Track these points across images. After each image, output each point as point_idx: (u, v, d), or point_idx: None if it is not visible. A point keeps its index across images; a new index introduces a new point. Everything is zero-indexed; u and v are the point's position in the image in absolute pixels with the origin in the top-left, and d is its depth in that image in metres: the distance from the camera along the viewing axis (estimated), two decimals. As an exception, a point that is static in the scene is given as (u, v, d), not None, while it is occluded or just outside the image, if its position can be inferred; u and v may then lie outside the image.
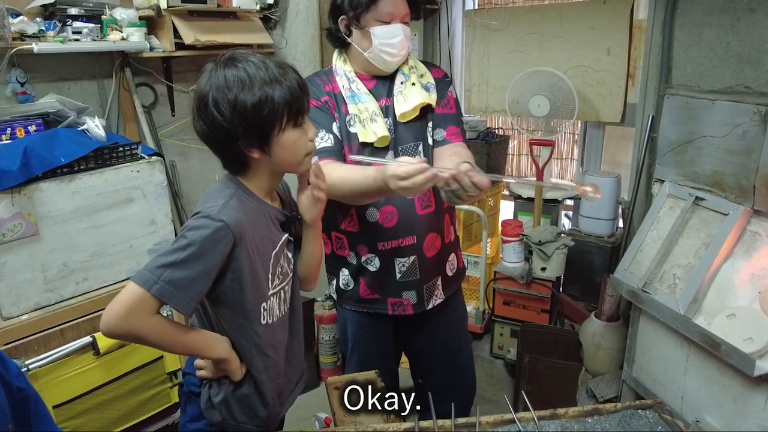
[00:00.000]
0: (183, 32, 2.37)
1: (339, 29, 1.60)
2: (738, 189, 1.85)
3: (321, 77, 1.66)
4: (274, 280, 1.22)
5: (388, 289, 1.70)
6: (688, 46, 2.32)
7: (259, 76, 1.09)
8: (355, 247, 1.67)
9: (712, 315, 1.75)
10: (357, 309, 1.75)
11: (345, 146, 1.59)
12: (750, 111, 1.79)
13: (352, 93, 1.60)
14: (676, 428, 1.22)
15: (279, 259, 1.23)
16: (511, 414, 1.24)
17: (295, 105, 1.12)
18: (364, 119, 1.57)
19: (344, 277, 1.73)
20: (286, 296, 1.29)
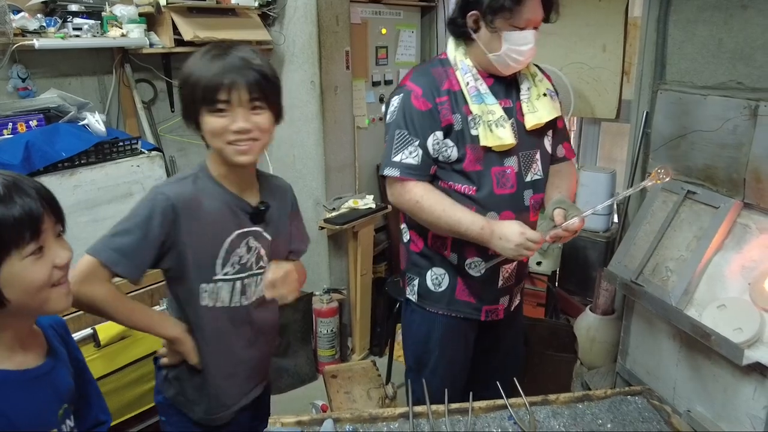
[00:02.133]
0: (182, 28, 2.39)
1: (466, 23, 1.51)
2: (729, 182, 1.88)
3: (437, 69, 1.56)
4: (225, 266, 1.27)
5: (487, 296, 1.66)
6: (682, 42, 2.35)
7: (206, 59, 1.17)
8: (460, 249, 1.60)
9: (703, 306, 1.78)
10: (446, 312, 1.66)
11: (467, 148, 1.51)
12: (740, 106, 1.82)
13: (478, 92, 1.52)
14: (663, 413, 1.25)
15: (235, 247, 1.27)
16: (503, 400, 1.27)
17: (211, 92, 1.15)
18: (490, 122, 1.50)
19: (436, 276, 1.65)
20: (246, 290, 1.32)
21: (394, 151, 1.52)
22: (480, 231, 1.47)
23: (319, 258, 2.98)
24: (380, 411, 1.26)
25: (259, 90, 1.17)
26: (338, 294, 2.96)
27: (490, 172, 1.54)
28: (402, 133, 1.51)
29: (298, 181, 2.94)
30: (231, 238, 1.27)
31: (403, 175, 1.51)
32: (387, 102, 1.61)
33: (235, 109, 1.16)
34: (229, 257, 1.27)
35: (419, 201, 1.51)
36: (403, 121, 1.51)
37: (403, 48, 3.48)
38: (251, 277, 1.32)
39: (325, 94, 2.77)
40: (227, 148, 1.19)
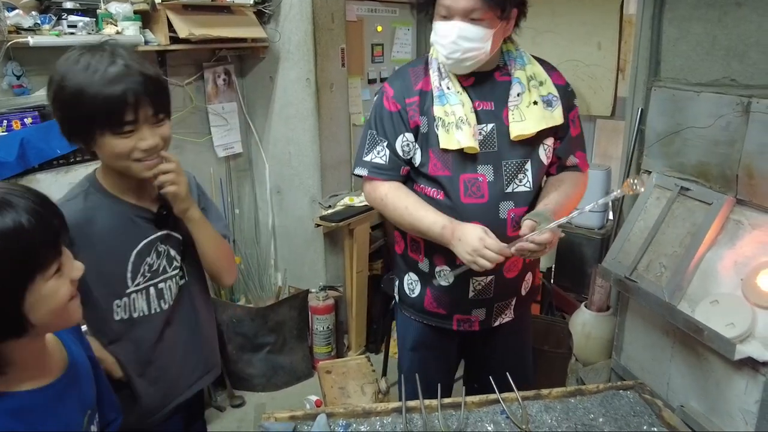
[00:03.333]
0: (177, 26, 2.39)
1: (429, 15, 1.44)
2: (722, 179, 1.89)
3: (416, 68, 1.51)
4: (136, 278, 1.23)
5: (457, 307, 1.58)
6: (677, 40, 2.35)
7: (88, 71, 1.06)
8: (431, 255, 1.55)
9: (696, 302, 1.79)
10: (418, 319, 1.64)
11: (430, 152, 1.46)
12: (733, 102, 1.83)
13: (441, 92, 1.43)
14: (655, 407, 1.26)
15: (145, 256, 1.23)
16: (495, 395, 1.27)
17: (109, 115, 1.07)
18: (449, 124, 1.41)
19: (411, 281, 1.62)
20: (163, 293, 1.28)
21: (366, 151, 1.52)
22: (441, 230, 1.40)
23: (315, 255, 2.99)
24: (373, 406, 1.27)
25: (161, 102, 1.12)
26: (334, 291, 2.96)
27: (459, 178, 1.45)
28: (372, 134, 1.51)
29: (294, 178, 2.95)
30: (137, 249, 1.22)
31: (371, 174, 1.51)
32: None
33: (141, 127, 1.10)
34: (139, 268, 1.23)
35: (383, 198, 1.51)
36: (374, 121, 1.52)
37: (399, 45, 3.48)
38: (165, 281, 1.28)
39: (321, 91, 2.78)
40: (134, 166, 1.14)
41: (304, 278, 3.03)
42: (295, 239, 3.05)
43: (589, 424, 1.21)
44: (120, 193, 1.21)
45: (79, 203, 1.19)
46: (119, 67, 1.07)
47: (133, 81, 1.06)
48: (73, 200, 1.19)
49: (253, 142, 3.03)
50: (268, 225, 3.11)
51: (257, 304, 2.86)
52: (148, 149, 1.12)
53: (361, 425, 1.22)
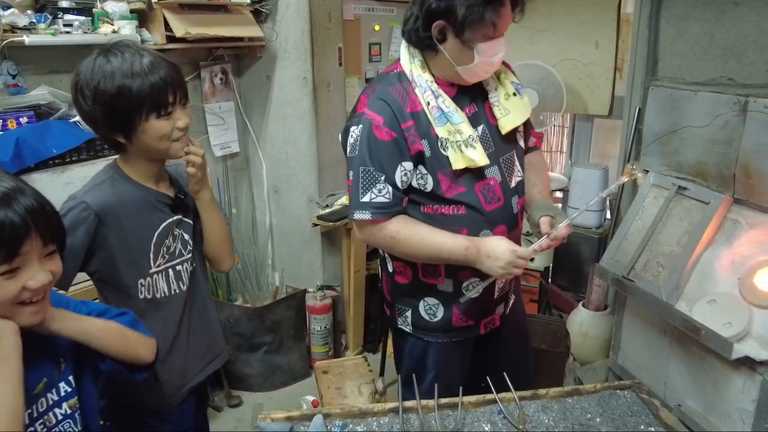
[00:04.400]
0: (174, 25, 2.39)
1: (431, 35, 1.34)
2: (719, 178, 1.89)
3: (396, 87, 1.40)
4: (157, 259, 1.32)
5: (485, 311, 1.57)
6: (674, 39, 2.35)
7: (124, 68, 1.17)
8: (454, 274, 1.49)
9: (693, 301, 1.78)
10: (443, 340, 1.57)
11: (440, 175, 1.40)
12: (730, 101, 1.83)
13: (441, 112, 1.37)
14: (652, 407, 1.26)
15: (164, 238, 1.33)
16: (492, 395, 1.27)
17: (157, 98, 1.19)
18: (459, 143, 1.37)
19: (429, 306, 1.54)
20: (181, 275, 1.38)
21: (362, 191, 1.38)
22: (465, 252, 1.37)
23: (312, 255, 2.98)
24: (370, 406, 1.26)
25: (183, 87, 1.25)
26: (332, 291, 2.96)
27: (475, 189, 1.43)
28: (367, 171, 1.36)
29: (291, 177, 2.94)
30: (158, 231, 1.32)
31: (375, 217, 1.38)
32: (345, 131, 1.45)
33: (176, 109, 1.23)
34: (159, 249, 1.32)
35: (395, 237, 1.40)
36: (368, 155, 1.36)
37: (397, 44, 3.48)
38: (182, 263, 1.38)
39: (318, 90, 2.77)
40: (173, 147, 1.25)
41: (301, 278, 3.03)
42: (292, 239, 3.04)
43: (587, 424, 1.21)
44: (142, 180, 1.31)
45: (107, 188, 1.27)
46: (150, 58, 1.20)
47: (165, 67, 1.20)
48: (102, 184, 1.28)
49: (251, 141, 3.03)
50: (265, 224, 3.10)
51: (254, 304, 2.86)
52: (184, 128, 1.25)
53: (358, 425, 1.22)
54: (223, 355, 1.57)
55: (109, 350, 1.07)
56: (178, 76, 1.24)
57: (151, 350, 1.17)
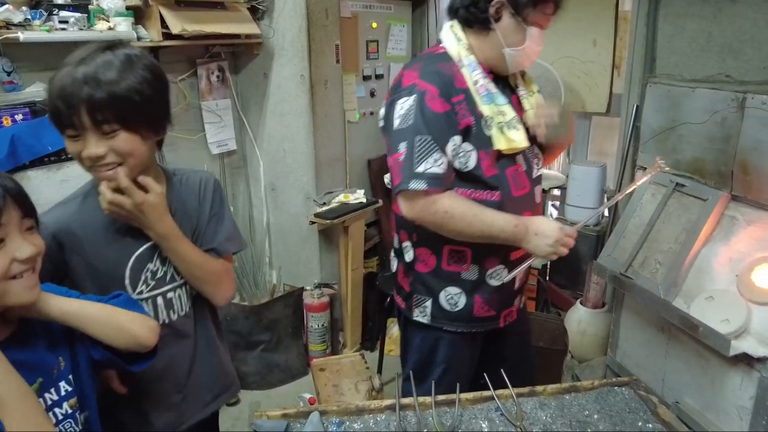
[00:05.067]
0: (170, 22, 2.37)
1: (487, 10, 1.38)
2: (717, 175, 1.89)
3: (444, 65, 1.41)
4: (138, 285, 1.18)
5: (506, 303, 1.58)
6: (672, 36, 2.35)
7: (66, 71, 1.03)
8: (481, 260, 1.49)
9: (691, 298, 1.78)
10: (462, 330, 1.55)
11: (481, 153, 1.41)
12: (728, 98, 1.82)
13: (488, 92, 1.40)
14: (650, 404, 1.26)
15: (145, 262, 1.19)
16: (490, 392, 1.26)
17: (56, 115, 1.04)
18: (502, 124, 1.40)
19: (451, 296, 1.53)
20: (173, 303, 1.24)
21: (417, 161, 1.35)
22: (515, 229, 1.39)
23: (310, 253, 2.98)
24: (367, 403, 1.26)
25: (106, 111, 1.03)
26: (329, 289, 2.95)
27: (506, 174, 1.46)
28: (424, 140, 1.35)
29: (289, 175, 2.93)
30: (136, 255, 1.18)
31: (430, 187, 1.35)
32: (390, 104, 1.43)
33: (84, 133, 1.04)
34: (139, 275, 1.18)
35: (448, 210, 1.37)
36: (424, 125, 1.35)
37: (394, 42, 3.47)
38: (174, 290, 1.24)
39: (315, 88, 2.76)
40: (92, 173, 1.10)
41: (299, 276, 3.02)
42: (289, 237, 3.03)
43: (584, 421, 1.21)
44: None
45: (74, 207, 1.17)
46: (77, 66, 1.02)
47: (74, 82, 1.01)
48: (70, 203, 1.18)
49: (248, 139, 3.02)
50: (262, 222, 3.09)
51: (251, 302, 2.85)
52: (89, 157, 1.06)
53: (355, 423, 1.21)
54: (234, 388, 1.43)
55: (102, 334, 1.01)
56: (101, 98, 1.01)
57: (151, 330, 1.07)
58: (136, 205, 1.11)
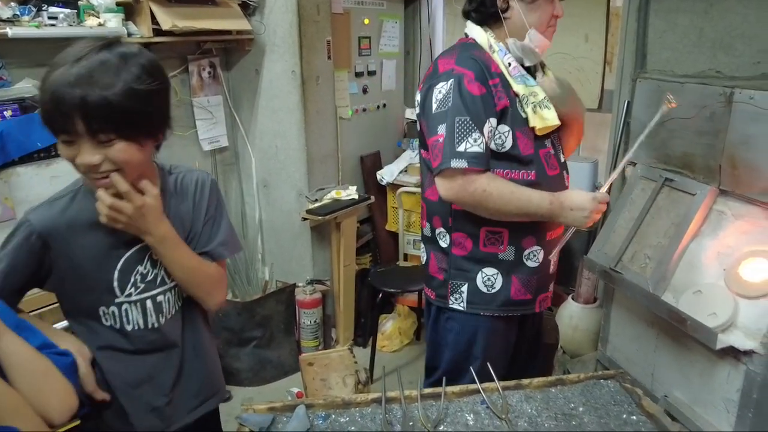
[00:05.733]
0: (160, 18, 2.37)
1: (495, 3, 1.49)
2: (706, 169, 1.89)
3: (478, 52, 1.49)
4: (126, 288, 1.16)
5: (542, 287, 1.62)
6: (663, 32, 2.35)
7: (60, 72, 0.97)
8: (517, 241, 1.54)
9: (680, 292, 1.78)
10: (498, 314, 1.57)
11: (518, 133, 1.47)
12: (716, 93, 1.82)
13: (521, 74, 1.48)
14: (635, 396, 1.26)
15: (135, 265, 1.16)
16: (476, 385, 1.27)
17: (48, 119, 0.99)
18: (535, 104, 1.47)
19: (488, 277, 1.56)
20: (162, 307, 1.21)
21: (458, 140, 1.40)
22: (550, 206, 1.46)
23: (302, 249, 2.98)
24: (353, 397, 1.26)
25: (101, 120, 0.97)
26: (321, 285, 2.95)
27: (539, 154, 1.52)
28: (464, 120, 1.40)
29: (281, 171, 2.93)
30: (125, 257, 1.16)
31: (471, 165, 1.40)
32: (427, 90, 1.49)
33: (79, 140, 0.99)
34: (128, 277, 1.16)
35: (486, 189, 1.42)
36: (463, 106, 1.41)
37: (387, 38, 3.47)
38: (164, 293, 1.21)
39: (307, 84, 2.76)
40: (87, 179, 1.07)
41: (291, 272, 3.02)
42: (282, 233, 3.03)
43: (569, 413, 1.21)
44: None
45: (62, 205, 1.13)
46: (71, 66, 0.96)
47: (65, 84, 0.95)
48: (58, 201, 1.14)
49: (239, 135, 3.01)
50: (255, 219, 3.09)
51: (244, 299, 2.85)
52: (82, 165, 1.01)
53: (341, 416, 1.21)
54: (221, 393, 1.43)
55: (18, 385, 0.93)
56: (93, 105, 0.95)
57: (67, 410, 0.99)
58: (137, 208, 1.08)
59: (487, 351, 1.59)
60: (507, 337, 1.66)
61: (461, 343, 1.61)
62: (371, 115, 3.47)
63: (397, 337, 3.12)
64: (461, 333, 1.61)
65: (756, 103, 1.67)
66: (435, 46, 3.72)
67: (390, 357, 3.04)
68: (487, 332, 1.60)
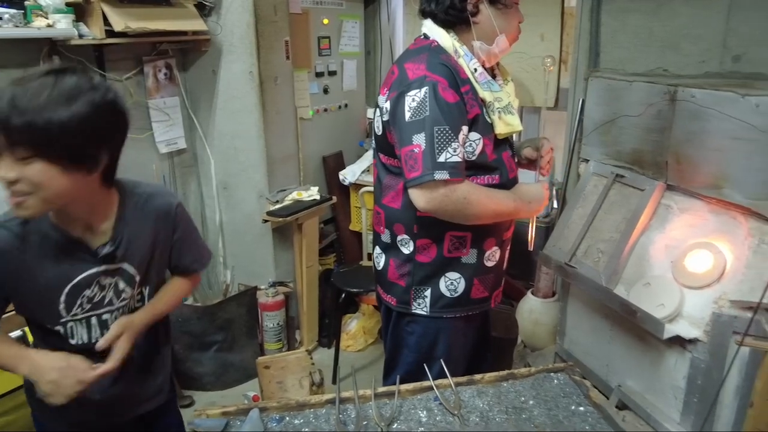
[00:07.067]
0: (113, 19, 2.32)
1: (465, 8, 1.46)
2: (654, 165, 1.95)
3: (445, 56, 1.46)
4: (72, 309, 1.19)
5: (497, 283, 1.68)
6: (615, 31, 2.41)
7: None
8: (480, 244, 1.57)
9: (631, 285, 1.84)
10: (460, 314, 1.61)
11: (485, 139, 1.48)
12: (662, 91, 1.88)
13: (486, 80, 1.48)
14: (583, 388, 1.29)
15: (83, 289, 1.18)
16: (429, 382, 1.28)
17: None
18: (500, 109, 1.48)
19: (451, 282, 1.58)
20: (108, 323, 1.24)
21: (438, 151, 1.37)
22: (515, 203, 1.52)
23: (264, 251, 2.95)
24: (308, 398, 1.26)
25: (18, 135, 0.97)
26: (284, 287, 2.94)
27: (503, 158, 1.55)
28: (443, 129, 1.37)
29: (241, 173, 2.91)
30: (74, 282, 1.17)
31: (452, 176, 1.37)
32: (398, 98, 1.43)
33: (3, 153, 0.99)
34: (75, 300, 1.18)
35: (467, 197, 1.41)
36: (441, 115, 1.37)
37: (347, 38, 3.47)
38: (111, 312, 1.24)
39: (265, 84, 2.74)
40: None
41: (253, 275, 3.00)
42: (243, 235, 3.00)
43: (520, 407, 1.23)
44: (64, 223, 1.14)
45: (16, 227, 1.13)
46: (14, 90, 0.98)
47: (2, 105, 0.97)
48: (9, 222, 1.13)
49: (198, 137, 2.97)
50: (215, 221, 3.05)
51: (204, 303, 2.82)
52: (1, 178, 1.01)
53: (295, 418, 1.21)
54: (162, 396, 1.44)
55: None
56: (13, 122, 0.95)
57: None
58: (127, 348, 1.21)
59: (450, 351, 1.62)
60: (468, 334, 1.69)
61: (423, 345, 1.63)
62: (333, 115, 3.46)
63: (362, 337, 3.12)
64: (424, 336, 1.63)
65: (697, 101, 1.73)
66: (395, 46, 3.73)
67: (355, 356, 3.04)
68: (449, 333, 1.62)
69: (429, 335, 1.62)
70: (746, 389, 1.51)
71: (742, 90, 1.60)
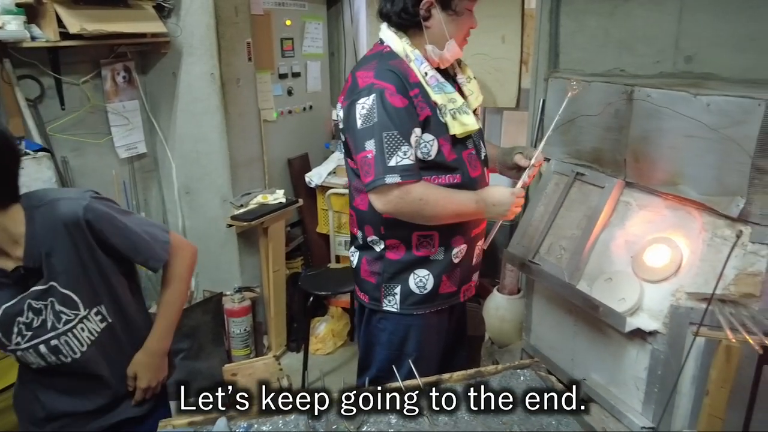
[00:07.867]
0: (67, 21, 2.25)
1: (418, 12, 1.48)
2: (613, 163, 2.00)
3: (396, 62, 1.49)
4: (11, 339, 1.18)
5: (465, 277, 1.70)
6: (574, 32, 2.46)
7: None
8: (447, 241, 1.60)
9: (593, 280, 1.88)
10: (429, 310, 1.65)
11: (440, 140, 1.51)
12: (619, 91, 1.93)
13: (438, 83, 1.51)
14: (548, 383, 1.32)
15: (15, 317, 1.17)
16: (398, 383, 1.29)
17: None
18: (454, 110, 1.51)
19: (420, 279, 1.62)
20: (60, 349, 1.22)
21: (388, 156, 1.42)
22: (476, 205, 1.53)
23: (229, 256, 2.91)
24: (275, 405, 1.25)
25: None
26: (251, 292, 2.90)
27: (462, 157, 1.57)
28: (391, 134, 1.42)
29: (204, 177, 2.86)
30: (1, 310, 1.16)
31: (404, 179, 1.42)
32: (349, 106, 1.48)
33: None
34: (11, 328, 1.17)
35: (422, 198, 1.45)
36: (389, 120, 1.42)
37: (310, 40, 3.45)
38: (59, 337, 1.22)
39: (227, 86, 2.71)
40: None
41: (219, 281, 2.95)
42: (207, 241, 2.95)
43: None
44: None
45: None
46: None
47: None
48: None
49: (158, 141, 2.91)
50: (178, 227, 3.00)
51: (170, 310, 2.75)
52: None
53: (263, 425, 1.20)
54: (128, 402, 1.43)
55: None
56: None
57: None
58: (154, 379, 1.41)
59: (421, 346, 1.66)
60: (438, 329, 1.72)
61: (395, 342, 1.66)
62: (298, 117, 3.44)
63: (331, 339, 3.11)
64: (394, 333, 1.66)
65: (652, 101, 1.78)
66: (359, 48, 3.74)
67: (324, 360, 3.03)
68: (419, 329, 1.65)
69: (400, 332, 1.65)
70: (702, 378, 1.56)
71: (694, 90, 1.66)
